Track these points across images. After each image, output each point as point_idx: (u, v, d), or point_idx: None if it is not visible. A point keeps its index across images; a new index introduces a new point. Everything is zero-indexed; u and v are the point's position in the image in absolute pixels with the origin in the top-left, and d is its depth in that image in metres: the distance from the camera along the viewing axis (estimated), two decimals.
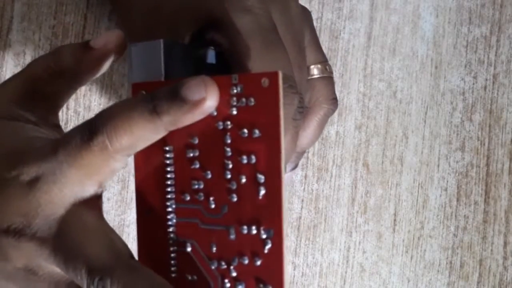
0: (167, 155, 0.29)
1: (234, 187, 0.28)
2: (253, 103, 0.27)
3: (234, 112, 0.28)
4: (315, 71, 0.38)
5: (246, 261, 0.28)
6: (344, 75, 0.46)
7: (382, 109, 0.46)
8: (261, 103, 0.27)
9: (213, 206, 0.28)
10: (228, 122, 0.28)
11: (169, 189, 0.29)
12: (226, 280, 0.28)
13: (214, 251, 0.28)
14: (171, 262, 0.29)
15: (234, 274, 0.28)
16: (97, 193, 0.29)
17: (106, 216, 0.30)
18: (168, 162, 0.29)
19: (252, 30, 0.32)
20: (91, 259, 0.28)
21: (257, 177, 0.27)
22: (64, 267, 0.28)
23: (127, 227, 0.42)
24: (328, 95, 0.38)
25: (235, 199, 0.28)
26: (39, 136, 0.31)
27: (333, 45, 0.46)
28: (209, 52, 0.33)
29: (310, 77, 0.38)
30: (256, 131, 0.27)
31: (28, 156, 0.29)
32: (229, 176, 0.28)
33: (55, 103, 0.33)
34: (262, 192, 0.27)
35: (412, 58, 0.47)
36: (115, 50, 0.32)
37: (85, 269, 0.27)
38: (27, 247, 0.28)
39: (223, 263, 0.28)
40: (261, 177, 0.27)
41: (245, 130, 0.28)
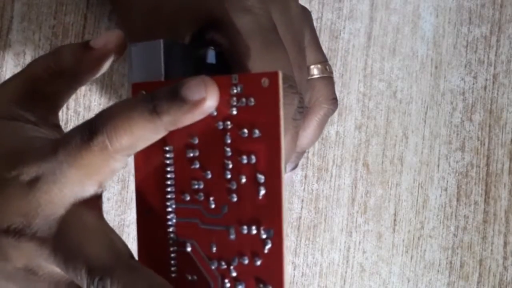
0: (167, 155, 0.29)
1: (234, 187, 0.28)
2: (253, 103, 0.27)
3: (234, 112, 0.28)
4: (315, 71, 0.38)
5: (246, 261, 0.28)
6: (344, 75, 0.46)
7: (382, 109, 0.46)
8: (261, 103, 0.27)
9: (213, 206, 0.28)
10: (228, 122, 0.28)
11: (169, 189, 0.29)
12: (226, 280, 0.28)
13: (214, 251, 0.28)
14: (171, 262, 0.29)
15: (234, 274, 0.28)
16: (97, 193, 0.29)
17: (106, 216, 0.30)
18: (168, 162, 0.29)
19: (252, 30, 0.32)
20: (91, 259, 0.28)
21: (257, 177, 0.27)
22: (64, 267, 0.28)
23: (127, 227, 0.42)
24: (328, 95, 0.38)
25: (235, 199, 0.28)
26: (39, 136, 0.31)
27: (333, 45, 0.46)
28: (209, 52, 0.33)
29: (310, 77, 0.38)
30: (256, 131, 0.27)
31: (28, 156, 0.29)
32: (229, 176, 0.28)
33: (55, 103, 0.33)
34: (262, 192, 0.27)
35: (412, 58, 0.47)
36: (115, 50, 0.32)
37: (85, 269, 0.27)
38: (27, 247, 0.28)
39: (223, 263, 0.28)
40: (261, 177, 0.27)
41: (245, 130, 0.28)
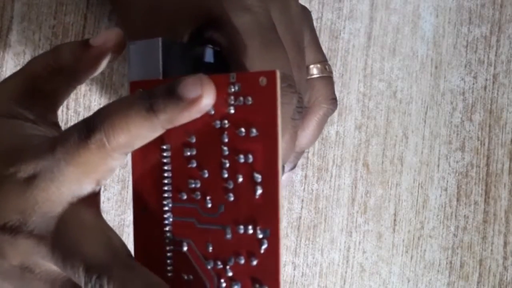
0: (164, 154, 0.29)
1: (231, 187, 0.28)
2: (251, 102, 0.27)
3: (232, 111, 0.28)
4: (315, 71, 0.38)
5: (242, 261, 0.27)
6: (344, 75, 0.46)
7: (382, 109, 0.46)
8: (259, 102, 0.27)
9: (210, 205, 0.28)
10: (226, 121, 0.28)
11: (166, 188, 0.29)
12: (222, 280, 0.28)
13: (210, 251, 0.28)
14: (167, 262, 0.29)
15: (230, 274, 0.28)
16: (95, 191, 0.29)
17: (106, 216, 0.30)
18: (165, 161, 0.29)
19: (251, 29, 0.32)
20: (89, 257, 0.28)
21: (254, 177, 0.27)
22: (62, 265, 0.28)
23: (127, 227, 0.42)
24: (328, 95, 0.38)
25: (232, 199, 0.28)
26: (37, 134, 0.31)
27: (333, 45, 0.46)
28: (208, 51, 0.33)
29: (310, 77, 0.38)
30: (254, 130, 0.27)
31: (26, 154, 0.29)
32: (226, 175, 0.28)
33: (54, 101, 0.33)
34: (259, 192, 0.27)
35: (412, 58, 0.47)
36: (114, 49, 0.32)
37: (83, 267, 0.27)
38: (24, 245, 0.28)
39: (219, 263, 0.28)
40: (258, 177, 0.27)
41: (243, 129, 0.28)
